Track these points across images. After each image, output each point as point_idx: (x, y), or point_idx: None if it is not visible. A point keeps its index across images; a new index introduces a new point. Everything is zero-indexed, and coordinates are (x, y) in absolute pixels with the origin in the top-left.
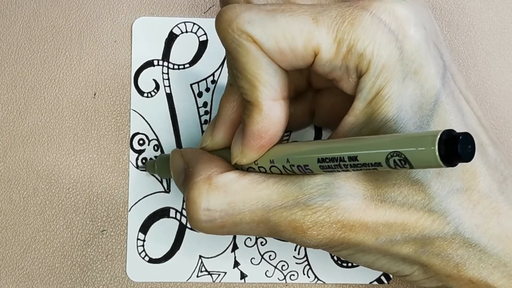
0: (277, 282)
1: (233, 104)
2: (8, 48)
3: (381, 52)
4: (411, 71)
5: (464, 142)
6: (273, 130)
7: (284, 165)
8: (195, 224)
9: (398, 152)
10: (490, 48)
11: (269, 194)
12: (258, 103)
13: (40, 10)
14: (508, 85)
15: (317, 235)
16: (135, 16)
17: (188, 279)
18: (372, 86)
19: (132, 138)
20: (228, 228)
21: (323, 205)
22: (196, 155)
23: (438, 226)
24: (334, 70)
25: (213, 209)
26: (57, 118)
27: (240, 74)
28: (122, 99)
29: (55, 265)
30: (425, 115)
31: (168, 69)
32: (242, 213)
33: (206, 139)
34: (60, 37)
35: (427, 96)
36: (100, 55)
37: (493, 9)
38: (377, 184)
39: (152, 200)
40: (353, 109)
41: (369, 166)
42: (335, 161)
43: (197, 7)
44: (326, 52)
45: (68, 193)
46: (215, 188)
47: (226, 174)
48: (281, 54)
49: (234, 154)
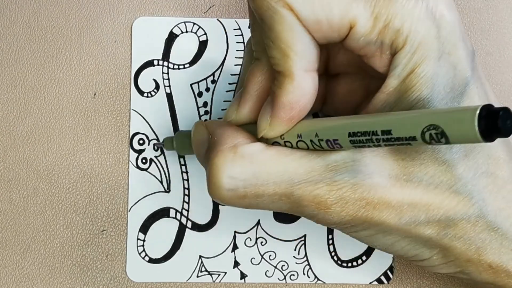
0: (277, 282)
1: (260, 78)
2: (8, 48)
3: (419, 28)
4: (446, 51)
5: (504, 117)
6: (304, 101)
7: (312, 140)
8: (216, 191)
9: (435, 126)
10: (490, 48)
11: (295, 167)
12: (290, 73)
13: (40, 10)
14: (508, 85)
15: (341, 212)
16: (135, 16)
17: (188, 279)
18: (407, 63)
19: (132, 138)
20: (249, 199)
21: (349, 181)
22: (221, 126)
23: (463, 207)
24: (368, 45)
25: (237, 177)
26: (57, 118)
27: (272, 43)
28: (122, 99)
29: (55, 265)
30: (456, 96)
31: (168, 69)
32: (266, 185)
33: (231, 114)
34: (60, 37)
35: (459, 77)
36: (100, 55)
37: (493, 9)
38: (404, 164)
39: (152, 200)
40: (386, 86)
41: (402, 140)
42: (367, 135)
43: (197, 7)
44: (363, 25)
45: (68, 193)
46: (240, 157)
47: (252, 145)
48: (317, 24)
49: (262, 126)
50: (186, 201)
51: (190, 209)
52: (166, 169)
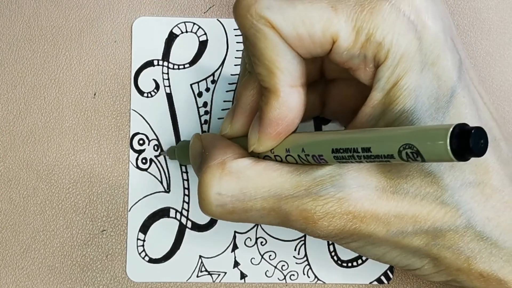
0: (277, 282)
1: (252, 92)
2: (8, 48)
3: (400, 41)
4: (429, 62)
5: (477, 136)
6: (290, 117)
7: (299, 154)
8: (206, 207)
9: (410, 145)
10: (490, 48)
11: (282, 182)
12: (276, 89)
13: (40, 10)
14: (508, 85)
15: (328, 226)
16: (135, 16)
17: (188, 279)
18: (390, 76)
19: (132, 138)
20: (238, 214)
21: (335, 196)
22: (213, 140)
23: (450, 218)
24: (351, 59)
25: (224, 194)
26: (57, 118)
27: (257, 61)
28: (122, 99)
29: (55, 265)
30: (441, 107)
31: (168, 69)
32: (253, 200)
33: (226, 127)
34: (60, 37)
35: (443, 88)
36: (100, 55)
37: (493, 9)
38: (390, 176)
39: (152, 200)
40: (370, 100)
41: (382, 158)
42: (349, 151)
43: (197, 7)
44: (345, 40)
45: (68, 193)
46: (228, 173)
47: (240, 160)
48: (299, 40)
49: (251, 141)
50: (186, 201)
51: (190, 209)
52: (166, 169)
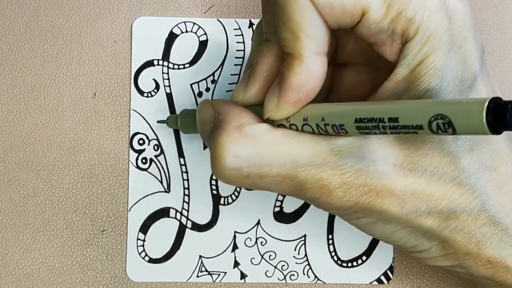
0: (277, 282)
1: (269, 59)
2: (8, 48)
3: (431, 19)
4: (457, 43)
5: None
6: (312, 84)
7: (318, 124)
8: (220, 170)
9: (443, 115)
10: (490, 48)
11: (299, 149)
12: (300, 54)
13: (40, 10)
14: (508, 85)
15: (343, 197)
16: (135, 16)
17: (188, 279)
18: (417, 52)
19: (132, 138)
20: (253, 179)
21: (353, 167)
22: (227, 105)
23: (465, 200)
24: (379, 33)
25: (241, 157)
26: (57, 118)
27: (283, 24)
28: (122, 99)
29: (55, 265)
30: (464, 90)
31: (168, 69)
32: (269, 165)
33: (238, 94)
34: (60, 37)
35: (468, 71)
36: (100, 55)
37: (493, 9)
38: (409, 153)
39: (152, 200)
40: (395, 75)
41: (409, 129)
42: (373, 121)
43: (197, 7)
44: (375, 12)
45: (68, 193)
46: (245, 136)
47: (258, 125)
48: (330, 8)
49: (269, 107)
50: (186, 201)
51: (190, 209)
52: (166, 169)
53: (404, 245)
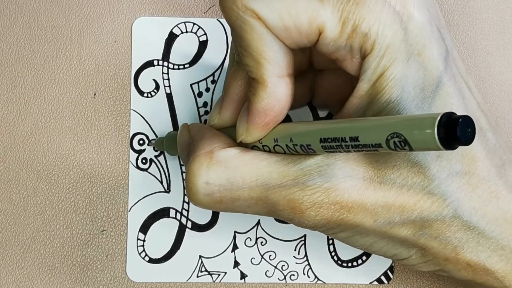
0: (277, 282)
1: (240, 82)
2: (8, 48)
3: (386, 32)
4: (415, 52)
5: (464, 125)
6: (278, 107)
7: (287, 144)
8: (193, 197)
9: (398, 134)
10: (490, 48)
11: (269, 172)
12: (263, 80)
13: (40, 10)
14: (508, 85)
15: (315, 216)
16: (135, 16)
17: (188, 279)
18: (376, 66)
19: (132, 138)
20: (226, 204)
21: (322, 186)
22: (201, 130)
23: (437, 208)
24: (338, 50)
25: (212, 183)
26: (57, 118)
27: (245, 52)
28: (122, 99)
29: (55, 265)
30: (427, 97)
31: (168, 69)
32: (241, 189)
33: (214, 117)
34: (60, 37)
35: (429, 78)
36: (100, 55)
37: (493, 9)
38: (377, 166)
39: (152, 200)
40: (358, 91)
41: (370, 147)
42: (336, 141)
43: (197, 7)
44: (331, 31)
45: (68, 193)
46: (216, 162)
47: (228, 150)
48: (286, 31)
49: (239, 132)
50: (186, 201)
51: (190, 209)
52: (166, 169)
53: (385, 254)
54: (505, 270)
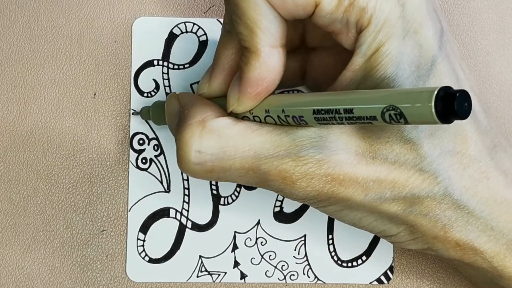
0: (277, 282)
1: (231, 51)
2: (8, 48)
3: (383, 7)
4: (411, 29)
5: (461, 99)
6: (271, 77)
7: (279, 115)
8: (184, 165)
9: (394, 106)
10: (490, 48)
11: (261, 142)
12: (257, 49)
13: (40, 10)
14: (508, 85)
15: (306, 187)
16: (135, 16)
17: (188, 279)
18: (372, 41)
19: (132, 138)
20: (217, 173)
21: (315, 157)
22: (192, 99)
23: (428, 185)
24: (334, 23)
25: (204, 152)
26: (57, 118)
27: (239, 20)
28: (122, 99)
29: (55, 265)
30: (422, 75)
31: (168, 69)
32: (232, 159)
33: (203, 86)
34: (60, 37)
35: (425, 56)
36: (100, 55)
37: (493, 9)
38: (370, 141)
39: (152, 200)
40: (352, 65)
41: (364, 120)
42: (330, 113)
43: (197, 7)
44: (328, 3)
45: (68, 193)
46: (208, 131)
47: (220, 119)
48: (282, 1)
49: (231, 101)
50: (186, 201)
51: (190, 209)
52: (166, 169)
53: (373, 230)
54: (494, 251)
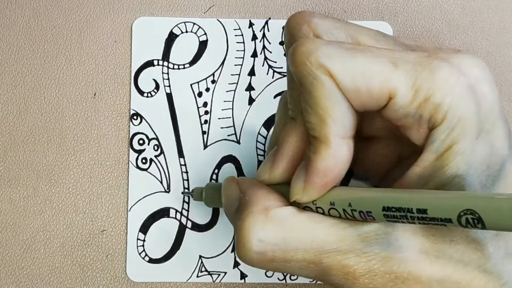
0: (277, 282)
1: (295, 139)
2: (8, 48)
3: (459, 105)
4: (485, 129)
5: None
6: (338, 168)
7: (345, 209)
8: (245, 253)
9: (472, 211)
10: (490, 48)
11: (325, 235)
12: (327, 139)
13: (40, 10)
14: (508, 85)
15: (369, 284)
16: (135, 16)
17: (188, 279)
18: (445, 139)
19: (132, 138)
20: (277, 264)
21: (379, 254)
22: (253, 185)
23: (492, 287)
24: (406, 117)
25: (266, 241)
26: (57, 118)
27: (310, 109)
28: (122, 99)
29: (55, 265)
30: (491, 175)
31: (168, 69)
32: (295, 250)
33: (264, 174)
34: (60, 37)
35: (496, 156)
36: (100, 55)
37: (493, 9)
38: (434, 240)
39: (152, 200)
40: (422, 160)
41: (438, 221)
42: (402, 211)
43: (197, 7)
44: (402, 97)
45: (68, 193)
46: (271, 220)
47: (284, 208)
48: (356, 92)
49: (295, 191)
50: (186, 201)
51: (190, 209)
52: (166, 169)
53: None
54: None
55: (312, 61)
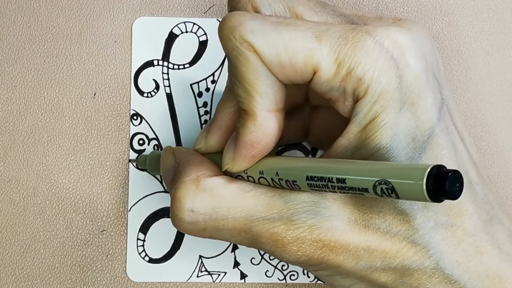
0: (277, 282)
1: (229, 109)
2: (8, 48)
3: (381, 78)
4: (408, 101)
5: (453, 179)
6: (266, 141)
7: (273, 178)
8: (177, 223)
9: (386, 181)
10: (490, 48)
11: (254, 204)
12: (253, 112)
13: (40, 10)
14: (508, 85)
15: (297, 251)
16: (135, 16)
17: (188, 279)
18: (368, 111)
19: (132, 138)
20: (210, 232)
21: (307, 222)
22: (187, 155)
23: (419, 258)
24: (331, 91)
25: (197, 211)
26: (57, 118)
27: (238, 82)
28: (122, 99)
29: (55, 265)
30: (418, 147)
31: (168, 69)
32: (225, 219)
33: (200, 142)
34: (60, 37)
35: (421, 128)
36: (100, 55)
37: (493, 9)
38: (363, 210)
39: (152, 200)
40: (347, 132)
41: (356, 191)
42: (323, 180)
43: (197, 7)
44: (326, 71)
45: (68, 193)
46: (202, 190)
47: (214, 178)
48: (280, 67)
49: (225, 161)
50: None
51: None
52: None
53: None
54: None
55: (236, 36)
